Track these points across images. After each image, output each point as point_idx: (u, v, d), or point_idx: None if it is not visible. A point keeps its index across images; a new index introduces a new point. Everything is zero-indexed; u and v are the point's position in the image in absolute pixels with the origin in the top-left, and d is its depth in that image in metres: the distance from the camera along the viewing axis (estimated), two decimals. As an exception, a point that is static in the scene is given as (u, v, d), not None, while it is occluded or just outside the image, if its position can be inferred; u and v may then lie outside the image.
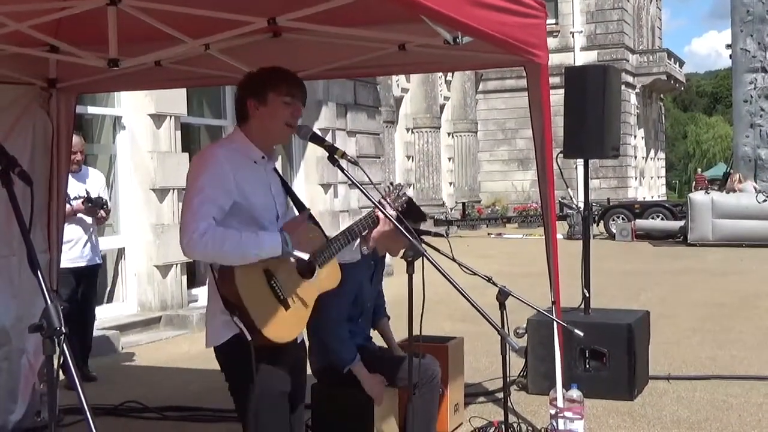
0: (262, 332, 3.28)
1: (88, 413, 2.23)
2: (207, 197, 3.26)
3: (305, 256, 3.36)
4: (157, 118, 10.21)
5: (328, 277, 3.65)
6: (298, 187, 13.80)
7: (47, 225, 5.83)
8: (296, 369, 3.62)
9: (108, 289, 10.16)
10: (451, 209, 29.59)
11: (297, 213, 3.77)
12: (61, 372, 2.55)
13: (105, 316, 9.60)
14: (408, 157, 28.83)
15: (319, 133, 3.72)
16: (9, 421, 5.52)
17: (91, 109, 9.91)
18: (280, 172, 13.33)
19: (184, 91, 10.30)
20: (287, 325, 3.40)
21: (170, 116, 10.28)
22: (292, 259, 3.35)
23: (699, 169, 43.65)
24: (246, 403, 3.40)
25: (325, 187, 13.89)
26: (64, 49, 4.88)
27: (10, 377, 5.56)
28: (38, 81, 5.63)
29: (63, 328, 2.29)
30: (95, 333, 8.77)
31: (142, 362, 8.34)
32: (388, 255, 4.98)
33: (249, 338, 3.25)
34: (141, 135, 10.12)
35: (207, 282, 3.50)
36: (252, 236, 3.26)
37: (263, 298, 3.31)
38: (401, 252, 4.59)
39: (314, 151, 13.45)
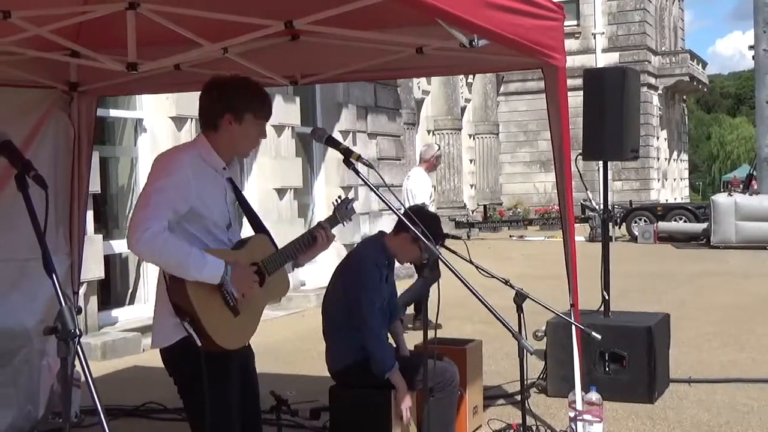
0: (212, 338, 3.32)
1: (101, 414, 2.24)
2: (165, 199, 3.30)
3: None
4: (179, 121, 10.27)
5: (277, 285, 3.70)
6: (319, 189, 13.83)
7: (69, 228, 5.88)
8: (246, 371, 3.67)
9: (130, 290, 10.23)
10: (473, 211, 29.53)
11: (249, 223, 3.80)
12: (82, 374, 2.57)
13: (127, 317, 9.66)
14: (429, 159, 28.78)
15: (339, 135, 3.74)
16: (27, 423, 5.56)
17: (113, 112, 9.98)
18: (300, 174, 13.18)
19: (204, 93, 10.33)
20: (237, 332, 3.47)
21: (191, 119, 10.34)
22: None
23: (735, 175, 43.30)
24: (195, 405, 3.43)
25: (346, 189, 13.90)
26: (84, 53, 4.91)
27: (30, 379, 5.60)
28: (59, 84, 5.67)
29: (77, 330, 2.31)
30: (117, 335, 8.84)
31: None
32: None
33: (199, 344, 3.29)
34: (162, 137, 10.18)
35: (157, 283, 3.52)
36: (199, 257, 3.27)
37: (214, 305, 3.35)
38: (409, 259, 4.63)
39: (335, 153, 13.35)
